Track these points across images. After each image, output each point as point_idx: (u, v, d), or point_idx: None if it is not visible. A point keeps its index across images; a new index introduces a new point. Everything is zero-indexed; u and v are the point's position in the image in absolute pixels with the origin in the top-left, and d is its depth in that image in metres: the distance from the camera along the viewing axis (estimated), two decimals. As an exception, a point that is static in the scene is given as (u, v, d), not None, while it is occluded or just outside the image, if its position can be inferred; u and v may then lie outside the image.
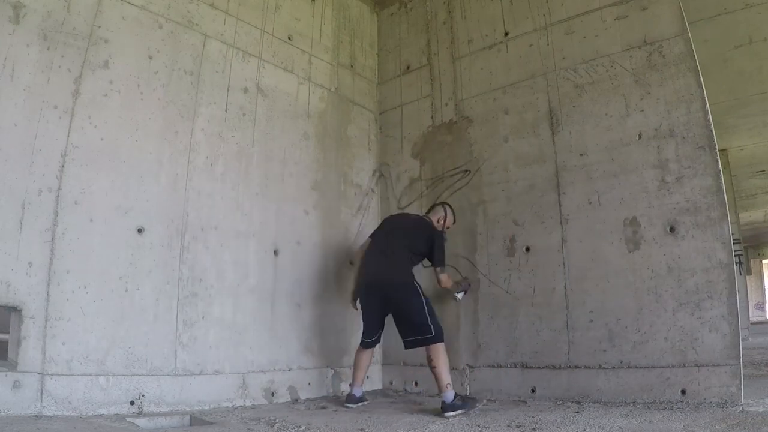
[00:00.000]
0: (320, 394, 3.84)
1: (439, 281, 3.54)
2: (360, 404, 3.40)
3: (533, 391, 3.47)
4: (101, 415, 2.66)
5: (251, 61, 3.81)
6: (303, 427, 2.65)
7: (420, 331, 3.23)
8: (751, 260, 19.02)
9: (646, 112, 3.30)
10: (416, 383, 4.11)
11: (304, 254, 3.94)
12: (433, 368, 3.15)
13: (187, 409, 3.01)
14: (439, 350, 3.17)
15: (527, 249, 3.70)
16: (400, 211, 4.31)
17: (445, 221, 3.76)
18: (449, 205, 3.85)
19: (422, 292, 3.35)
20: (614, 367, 3.17)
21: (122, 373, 2.81)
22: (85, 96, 2.88)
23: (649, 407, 2.90)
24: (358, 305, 3.64)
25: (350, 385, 3.51)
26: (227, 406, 3.19)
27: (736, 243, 8.55)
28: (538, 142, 3.76)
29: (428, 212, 3.85)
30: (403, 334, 3.34)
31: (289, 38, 4.16)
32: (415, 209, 4.39)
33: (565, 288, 3.47)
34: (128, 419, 2.63)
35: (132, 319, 2.91)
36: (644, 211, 3.22)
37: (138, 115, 3.10)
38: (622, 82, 3.42)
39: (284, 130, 3.94)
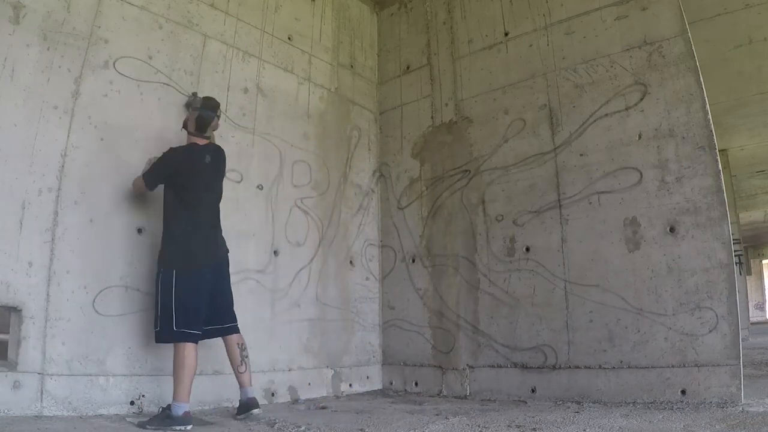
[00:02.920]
0: (320, 394, 3.84)
1: None
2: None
3: (533, 391, 3.47)
4: (101, 415, 2.66)
5: (251, 62, 3.81)
6: (303, 427, 2.65)
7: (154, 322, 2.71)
8: (751, 260, 19.00)
9: (646, 112, 3.30)
10: (416, 383, 4.11)
11: (301, 253, 3.94)
12: None
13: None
14: (174, 352, 2.61)
15: (527, 249, 3.70)
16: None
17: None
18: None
19: (171, 269, 2.65)
20: (614, 367, 3.17)
21: (122, 373, 2.81)
22: (85, 96, 2.88)
23: (649, 407, 2.90)
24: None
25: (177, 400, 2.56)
26: (227, 406, 3.19)
27: (736, 243, 8.55)
28: (538, 142, 3.76)
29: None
30: None
31: (289, 38, 4.16)
32: (415, 209, 4.39)
33: (565, 288, 3.47)
34: (128, 419, 2.63)
35: (132, 320, 2.90)
36: (644, 211, 3.23)
37: (138, 115, 3.10)
38: (622, 82, 3.42)
39: (284, 130, 3.94)
